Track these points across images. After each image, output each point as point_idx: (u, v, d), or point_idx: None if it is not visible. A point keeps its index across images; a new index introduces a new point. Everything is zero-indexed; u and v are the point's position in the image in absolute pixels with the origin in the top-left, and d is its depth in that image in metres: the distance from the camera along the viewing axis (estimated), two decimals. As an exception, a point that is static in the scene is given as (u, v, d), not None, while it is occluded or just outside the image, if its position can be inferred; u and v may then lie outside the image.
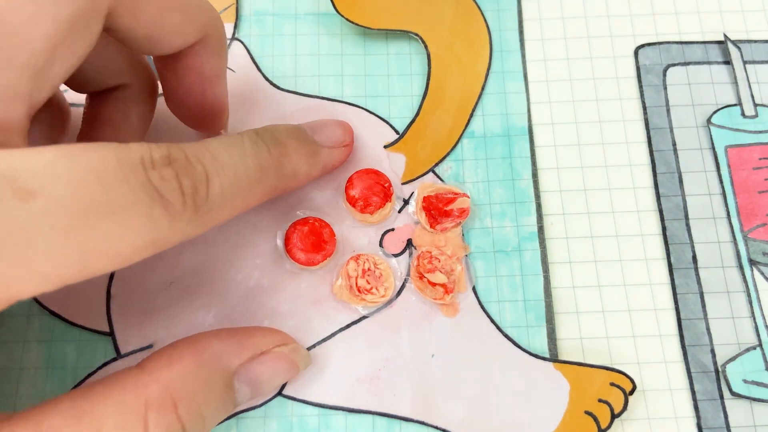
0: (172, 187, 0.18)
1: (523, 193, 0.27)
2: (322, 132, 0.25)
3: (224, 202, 0.20)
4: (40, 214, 0.15)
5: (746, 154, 0.27)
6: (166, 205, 0.17)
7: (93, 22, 0.18)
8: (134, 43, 0.21)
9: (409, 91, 0.28)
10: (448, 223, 0.26)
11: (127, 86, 0.24)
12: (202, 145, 0.20)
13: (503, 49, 0.29)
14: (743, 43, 0.29)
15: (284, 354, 0.22)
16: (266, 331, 0.22)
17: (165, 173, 0.18)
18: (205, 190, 0.19)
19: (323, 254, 0.25)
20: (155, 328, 0.24)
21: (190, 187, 0.18)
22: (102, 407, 0.18)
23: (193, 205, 0.18)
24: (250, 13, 0.29)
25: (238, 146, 0.21)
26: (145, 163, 0.17)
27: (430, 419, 0.24)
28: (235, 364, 0.21)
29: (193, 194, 0.18)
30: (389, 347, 0.24)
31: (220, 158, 0.20)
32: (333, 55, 0.29)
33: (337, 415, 0.24)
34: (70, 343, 0.24)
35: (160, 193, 0.17)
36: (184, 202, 0.18)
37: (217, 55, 0.23)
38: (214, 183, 0.19)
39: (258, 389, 0.21)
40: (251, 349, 0.21)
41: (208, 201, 0.19)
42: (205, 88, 0.24)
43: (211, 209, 0.19)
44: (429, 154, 0.27)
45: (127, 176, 0.17)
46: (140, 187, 0.17)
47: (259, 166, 0.21)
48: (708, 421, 0.24)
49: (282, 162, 0.22)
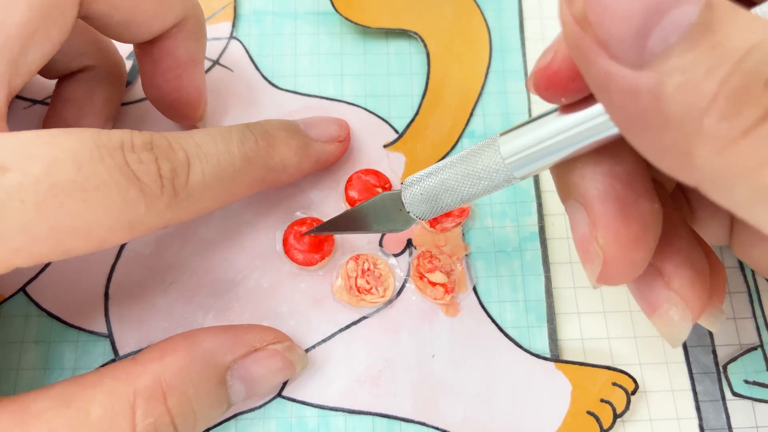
0: (149, 170, 0.18)
1: (524, 192, 0.27)
2: (316, 127, 0.25)
3: (206, 189, 0.19)
4: (11, 188, 0.15)
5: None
6: (143, 188, 0.17)
7: (68, 8, 0.19)
8: (111, 29, 0.21)
9: (409, 91, 0.28)
10: (449, 223, 0.26)
11: (91, 68, 0.24)
12: (187, 133, 0.20)
13: (504, 48, 0.29)
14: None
15: (278, 351, 0.22)
16: (261, 328, 0.22)
17: (144, 157, 0.18)
18: (185, 175, 0.19)
19: (321, 254, 0.25)
20: (153, 330, 0.24)
21: (169, 171, 0.18)
22: (91, 393, 0.18)
23: (172, 190, 0.18)
24: (250, 13, 0.29)
25: (224, 136, 0.21)
26: (125, 146, 0.17)
27: (430, 420, 0.24)
28: (228, 360, 0.21)
29: (173, 178, 0.18)
30: (389, 348, 0.24)
31: (204, 146, 0.20)
32: (333, 55, 0.29)
33: (337, 415, 0.24)
34: (68, 344, 0.24)
35: (136, 176, 0.17)
36: (162, 186, 0.18)
37: (193, 40, 0.23)
38: (196, 169, 0.19)
39: (252, 387, 0.21)
40: (245, 346, 0.21)
41: (187, 186, 0.19)
42: (180, 73, 0.24)
43: (192, 195, 0.19)
44: (429, 153, 0.27)
45: (104, 158, 0.17)
46: (116, 168, 0.17)
47: (245, 155, 0.21)
48: (710, 422, 0.24)
49: (270, 153, 0.22)
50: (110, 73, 0.25)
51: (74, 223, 0.16)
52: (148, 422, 0.18)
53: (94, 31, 0.24)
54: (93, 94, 0.24)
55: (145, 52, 0.23)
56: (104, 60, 0.25)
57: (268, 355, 0.22)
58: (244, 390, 0.21)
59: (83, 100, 0.24)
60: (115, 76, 0.25)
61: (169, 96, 0.24)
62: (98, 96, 0.25)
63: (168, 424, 0.19)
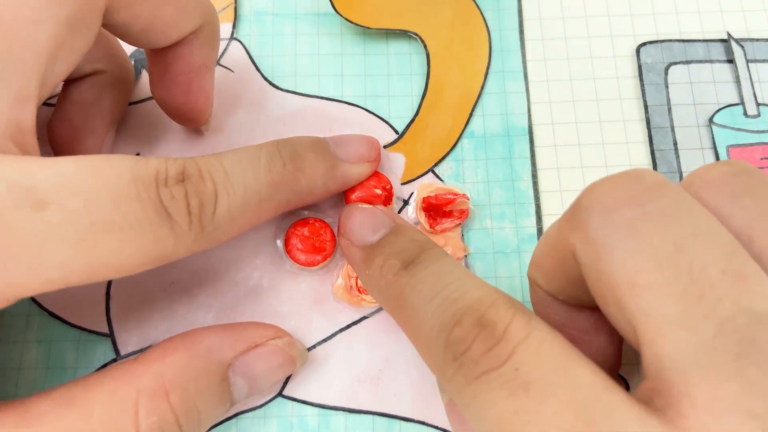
0: (180, 206, 0.18)
1: (523, 194, 0.27)
2: (345, 146, 0.24)
3: (231, 220, 0.20)
4: (52, 226, 0.16)
5: (748, 154, 0.27)
6: (173, 225, 0.18)
7: (93, 21, 0.19)
8: (129, 36, 0.21)
9: (409, 91, 0.28)
10: (448, 224, 0.26)
11: (102, 72, 0.24)
12: (217, 159, 0.20)
13: (503, 49, 0.29)
14: (745, 42, 0.29)
15: (279, 347, 0.22)
16: (261, 325, 0.23)
17: (175, 191, 0.18)
18: (212, 209, 0.19)
19: (323, 255, 0.25)
20: (155, 329, 0.24)
21: (197, 206, 0.19)
22: (93, 394, 0.18)
23: (199, 225, 0.19)
24: (250, 13, 0.29)
25: (253, 160, 0.21)
26: (159, 180, 0.18)
27: (430, 419, 0.24)
28: (229, 357, 0.21)
29: (200, 213, 0.19)
30: (389, 347, 0.24)
31: (233, 174, 0.20)
32: (333, 55, 0.29)
33: (337, 415, 0.24)
34: (70, 343, 0.24)
35: (168, 212, 0.18)
36: (191, 222, 0.18)
37: (208, 46, 0.23)
38: (222, 202, 0.19)
39: (255, 384, 0.21)
40: (245, 342, 0.21)
41: (213, 220, 0.19)
42: (191, 78, 0.24)
43: (217, 228, 0.19)
44: (428, 154, 0.27)
45: (140, 193, 0.17)
46: (150, 205, 0.17)
47: (272, 181, 0.21)
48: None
49: (297, 177, 0.22)
50: (119, 78, 0.25)
51: (107, 259, 0.17)
52: (152, 420, 0.18)
53: (108, 36, 0.24)
54: (101, 97, 0.24)
55: (158, 55, 0.23)
56: (115, 65, 0.25)
57: (269, 350, 0.22)
58: (246, 387, 0.21)
59: (91, 103, 0.24)
60: (124, 81, 0.25)
61: (177, 99, 0.24)
62: (106, 100, 0.25)
63: (172, 422, 0.19)
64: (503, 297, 0.17)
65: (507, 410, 0.14)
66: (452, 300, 0.17)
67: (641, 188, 0.15)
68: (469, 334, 0.16)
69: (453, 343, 0.16)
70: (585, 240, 0.15)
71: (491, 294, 0.17)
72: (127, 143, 0.27)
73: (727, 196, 0.15)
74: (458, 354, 0.16)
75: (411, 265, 0.20)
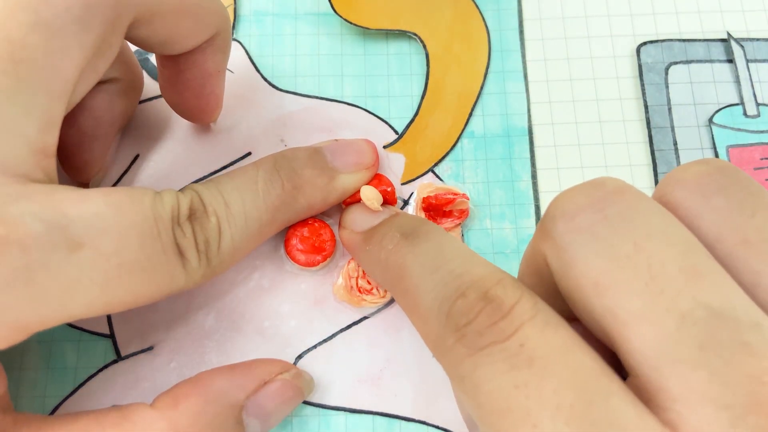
0: (190, 244, 0.19)
1: (523, 194, 0.27)
2: (341, 155, 0.24)
3: (235, 251, 0.21)
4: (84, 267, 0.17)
5: (748, 154, 0.27)
6: (185, 263, 0.19)
7: (114, 42, 0.19)
8: (147, 46, 0.21)
9: (408, 91, 0.28)
10: (448, 224, 0.26)
11: (116, 80, 0.24)
12: (216, 189, 0.21)
13: (503, 49, 0.29)
14: (745, 42, 0.29)
15: (288, 380, 0.22)
16: (266, 361, 0.23)
17: (186, 230, 0.19)
18: (216, 244, 0.20)
19: (323, 255, 0.25)
20: (155, 330, 0.24)
21: (203, 243, 0.20)
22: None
23: (206, 260, 0.20)
24: (250, 13, 0.29)
25: (251, 185, 0.22)
26: (174, 218, 0.19)
27: (431, 419, 0.24)
28: (241, 398, 0.21)
29: (206, 250, 0.20)
30: (390, 347, 0.24)
31: (232, 205, 0.21)
32: (333, 55, 0.29)
33: (338, 415, 0.24)
34: (71, 344, 0.24)
35: (181, 251, 0.19)
36: (199, 258, 0.20)
37: (222, 52, 0.23)
38: (226, 236, 0.20)
39: (267, 421, 0.21)
40: (255, 381, 0.21)
41: (219, 254, 0.20)
42: (204, 83, 0.24)
43: (222, 261, 0.21)
44: (428, 154, 0.27)
45: (161, 234, 0.18)
46: (169, 245, 0.18)
47: (271, 205, 0.22)
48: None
49: (296, 196, 0.23)
50: (130, 87, 0.25)
51: (126, 297, 0.18)
52: None
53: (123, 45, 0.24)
54: (113, 105, 0.24)
55: (171, 60, 0.23)
56: (127, 73, 0.25)
57: (279, 386, 0.22)
58: (260, 426, 0.21)
59: (102, 110, 0.24)
60: (134, 90, 0.26)
61: (189, 102, 0.24)
62: (117, 107, 0.25)
63: None
64: (510, 277, 0.16)
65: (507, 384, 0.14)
66: (456, 274, 0.17)
67: (602, 194, 0.15)
68: (474, 307, 0.15)
69: (456, 314, 0.16)
70: (553, 246, 0.15)
71: (498, 272, 0.17)
72: (128, 143, 0.27)
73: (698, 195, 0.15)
74: (461, 325, 0.15)
75: (412, 236, 0.20)
